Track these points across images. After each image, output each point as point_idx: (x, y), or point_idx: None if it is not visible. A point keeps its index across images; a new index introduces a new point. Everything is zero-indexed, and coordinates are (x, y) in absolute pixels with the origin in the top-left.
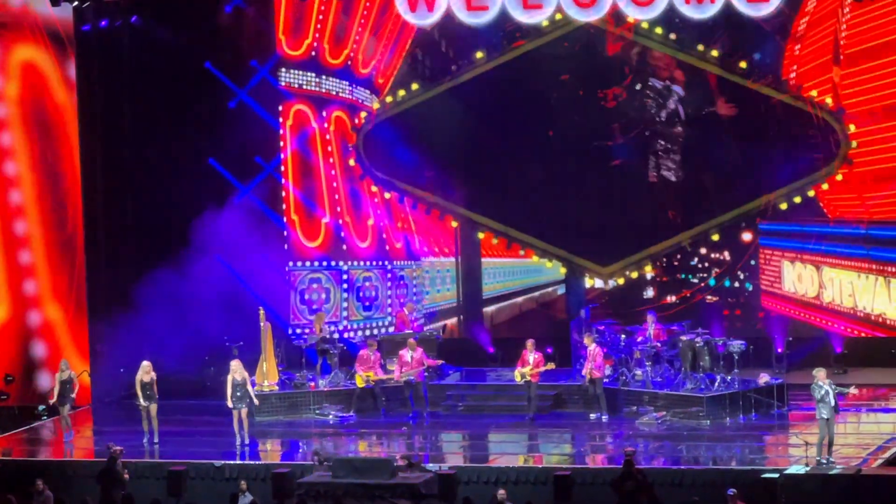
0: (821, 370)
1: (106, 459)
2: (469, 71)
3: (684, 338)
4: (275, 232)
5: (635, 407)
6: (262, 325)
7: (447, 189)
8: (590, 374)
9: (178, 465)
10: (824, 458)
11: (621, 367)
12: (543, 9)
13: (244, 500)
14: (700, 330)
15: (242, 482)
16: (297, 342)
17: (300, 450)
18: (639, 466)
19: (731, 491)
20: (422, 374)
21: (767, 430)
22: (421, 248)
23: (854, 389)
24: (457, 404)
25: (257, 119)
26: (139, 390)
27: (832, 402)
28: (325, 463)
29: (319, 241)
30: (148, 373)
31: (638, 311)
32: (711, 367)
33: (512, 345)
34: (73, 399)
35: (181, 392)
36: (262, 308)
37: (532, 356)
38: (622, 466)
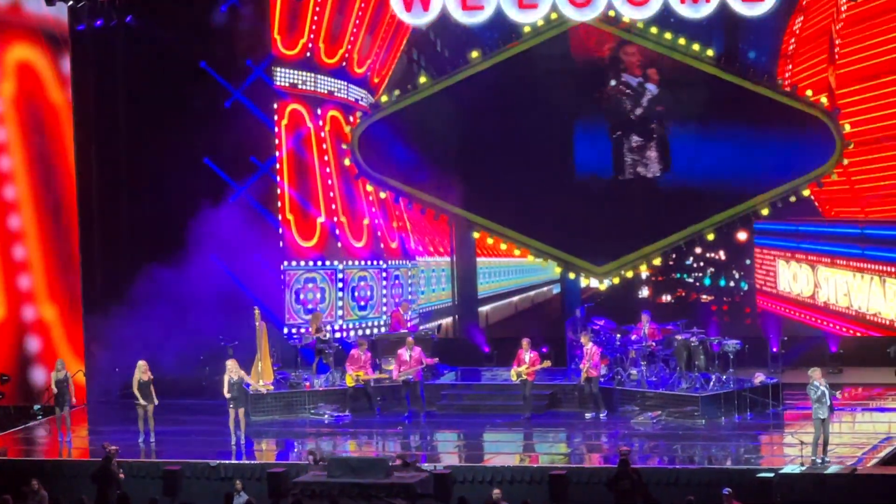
0: (816, 370)
1: (101, 459)
2: (464, 70)
3: (679, 337)
4: (270, 231)
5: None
6: (258, 324)
7: (442, 188)
8: (586, 374)
9: (173, 464)
10: (819, 458)
11: (616, 366)
12: (538, 8)
13: (239, 499)
14: (695, 329)
15: (238, 482)
16: (293, 342)
17: (295, 449)
18: (634, 466)
19: (726, 490)
20: (420, 374)
21: (762, 430)
22: (416, 248)
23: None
24: (452, 404)
25: (252, 118)
26: (136, 390)
27: (828, 402)
28: (321, 462)
29: (315, 241)
30: (145, 372)
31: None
32: (706, 367)
33: (507, 344)
34: (71, 399)
35: (176, 391)
36: (257, 308)
37: (528, 355)
38: (617, 466)
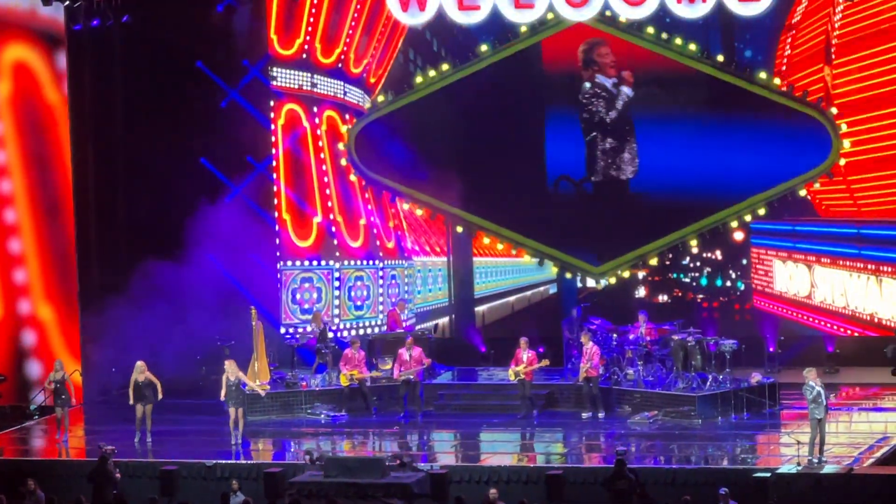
0: (811, 370)
1: (97, 459)
2: (460, 70)
3: (676, 337)
4: (266, 231)
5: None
6: (254, 324)
7: (439, 188)
8: (585, 373)
9: (170, 464)
10: (816, 458)
11: (613, 366)
12: (535, 8)
13: (236, 499)
14: (692, 329)
15: (234, 482)
16: (289, 341)
17: (292, 449)
18: (631, 466)
19: (722, 490)
20: (420, 374)
21: (759, 430)
22: (412, 248)
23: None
24: (449, 403)
25: (249, 118)
26: (131, 390)
27: (824, 402)
28: (317, 462)
29: (311, 241)
30: (142, 373)
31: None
32: (703, 367)
33: (504, 344)
34: (70, 398)
35: (173, 391)
36: (253, 307)
37: (525, 354)
38: (614, 466)
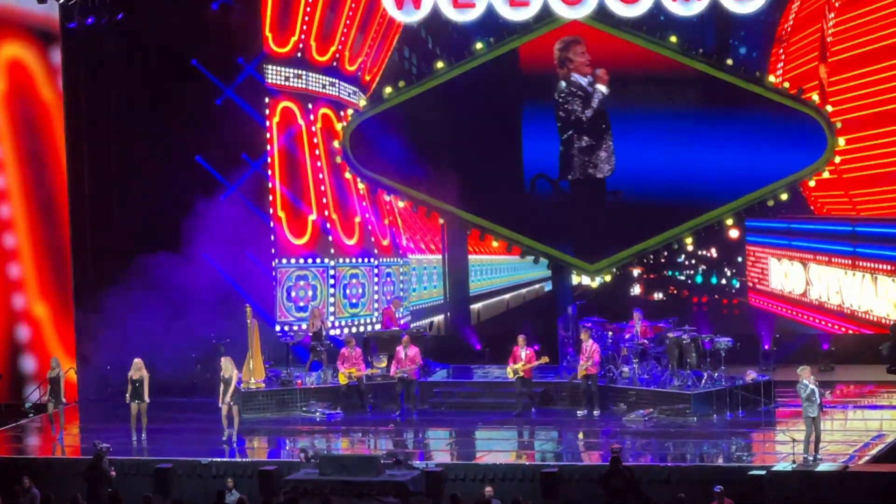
0: (805, 368)
1: (92, 457)
2: (455, 68)
3: (671, 335)
4: (261, 229)
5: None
6: (249, 322)
7: (434, 185)
8: (585, 371)
9: (165, 462)
10: (811, 456)
11: (608, 364)
12: (530, 6)
13: (231, 497)
14: (687, 327)
15: (229, 479)
16: (285, 339)
17: (287, 447)
18: (626, 463)
19: (717, 488)
20: (417, 373)
21: (754, 427)
22: (408, 245)
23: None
24: (444, 401)
25: (244, 116)
26: (131, 387)
27: (818, 400)
28: (312, 460)
29: (306, 239)
30: (138, 370)
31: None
32: (698, 364)
33: (499, 342)
34: (62, 396)
35: (168, 389)
36: (249, 305)
37: (524, 352)
38: (609, 464)
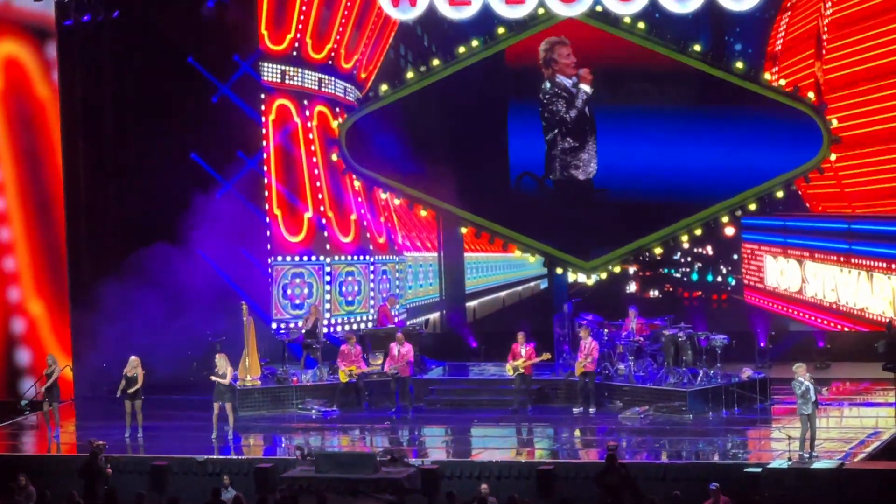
0: (800, 366)
1: (88, 454)
2: (451, 66)
3: (667, 332)
4: (257, 226)
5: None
6: (245, 319)
7: (430, 183)
8: (583, 368)
9: (161, 459)
10: (807, 453)
11: (604, 361)
12: (525, 3)
13: (227, 494)
14: (683, 324)
15: (225, 477)
16: (280, 337)
17: (283, 444)
18: (622, 461)
19: (713, 485)
20: (410, 370)
21: (750, 425)
22: (404, 243)
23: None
24: (440, 399)
25: (240, 113)
26: (123, 384)
27: (813, 397)
28: (308, 457)
29: (302, 236)
30: (134, 368)
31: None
32: (694, 362)
33: (495, 339)
34: (58, 394)
35: (164, 387)
36: (244, 303)
37: (524, 349)
38: (605, 461)
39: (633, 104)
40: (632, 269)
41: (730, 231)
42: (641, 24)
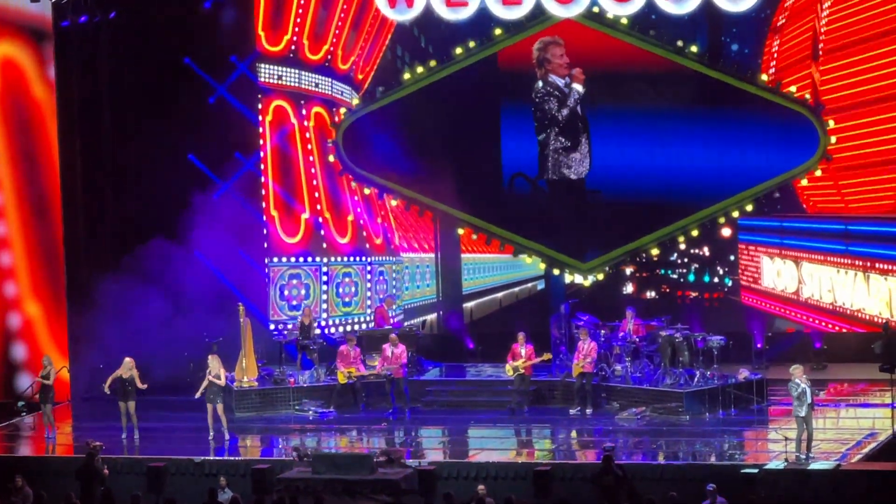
0: (797, 367)
1: (85, 455)
2: (447, 67)
3: (664, 333)
4: (254, 228)
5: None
6: (242, 320)
7: (427, 184)
8: (581, 369)
9: (157, 461)
10: (803, 454)
11: (601, 362)
12: (522, 4)
13: (224, 495)
14: (679, 325)
15: (222, 478)
16: (277, 338)
17: (280, 446)
18: (618, 462)
19: (710, 486)
20: (403, 371)
21: (747, 426)
22: (401, 244)
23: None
24: (437, 400)
25: (237, 115)
26: (119, 385)
27: (809, 399)
28: (305, 458)
29: (299, 237)
30: (130, 369)
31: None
32: (691, 363)
33: (492, 340)
34: (54, 396)
35: (161, 388)
36: (241, 304)
37: (524, 349)
38: (601, 462)
39: (629, 105)
40: (628, 271)
41: (726, 232)
42: (636, 25)
